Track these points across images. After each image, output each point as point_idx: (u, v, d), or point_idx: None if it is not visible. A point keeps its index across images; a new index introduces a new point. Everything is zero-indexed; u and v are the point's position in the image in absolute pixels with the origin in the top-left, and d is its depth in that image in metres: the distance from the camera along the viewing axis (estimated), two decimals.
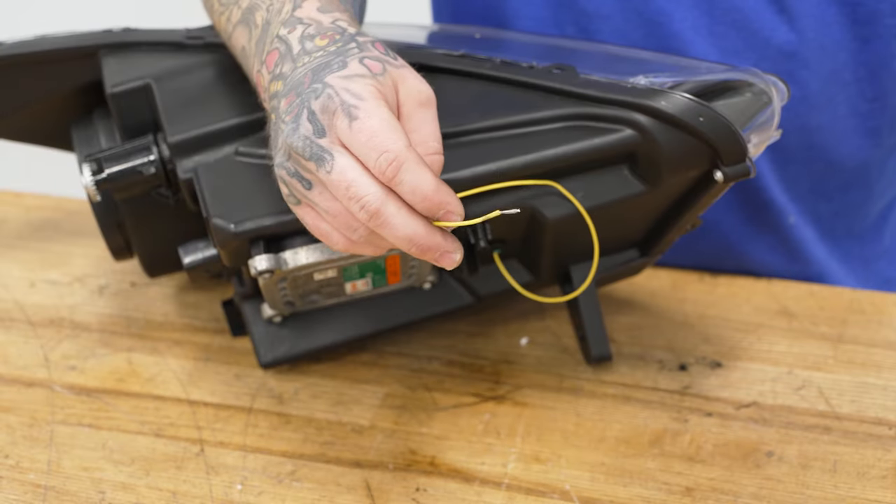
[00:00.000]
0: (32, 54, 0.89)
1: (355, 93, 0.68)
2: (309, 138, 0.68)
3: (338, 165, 0.67)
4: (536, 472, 0.83)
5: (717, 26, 0.96)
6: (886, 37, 0.95)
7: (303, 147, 0.68)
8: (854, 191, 1.04)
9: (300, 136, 0.68)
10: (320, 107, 0.68)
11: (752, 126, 0.80)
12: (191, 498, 0.82)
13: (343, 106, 0.67)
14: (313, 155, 0.68)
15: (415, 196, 0.67)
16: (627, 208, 0.82)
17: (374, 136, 0.67)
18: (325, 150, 0.68)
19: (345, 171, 0.67)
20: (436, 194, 0.67)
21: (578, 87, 0.79)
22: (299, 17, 0.75)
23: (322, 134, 0.68)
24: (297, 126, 0.69)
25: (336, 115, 0.68)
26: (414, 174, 0.67)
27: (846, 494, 0.81)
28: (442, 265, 0.70)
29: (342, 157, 0.67)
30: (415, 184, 0.67)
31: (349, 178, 0.67)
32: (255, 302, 0.89)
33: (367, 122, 0.67)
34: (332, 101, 0.68)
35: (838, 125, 0.99)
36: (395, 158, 0.66)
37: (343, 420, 0.88)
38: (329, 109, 0.68)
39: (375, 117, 0.67)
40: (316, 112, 0.68)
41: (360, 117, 0.67)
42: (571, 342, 0.94)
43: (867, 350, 0.93)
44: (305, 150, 0.68)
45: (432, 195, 0.67)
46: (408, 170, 0.66)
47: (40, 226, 1.10)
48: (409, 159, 0.67)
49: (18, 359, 0.95)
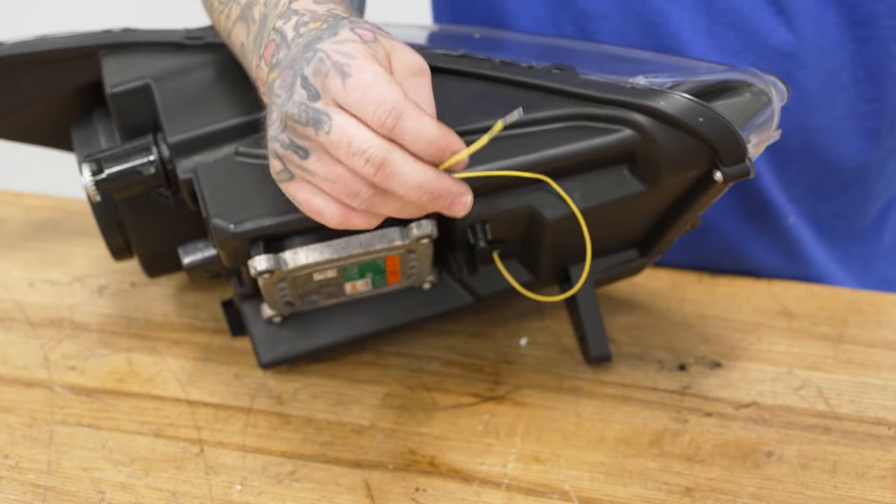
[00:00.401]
0: (32, 54, 0.89)
1: (346, 52, 0.68)
2: (304, 103, 0.68)
3: (336, 124, 0.67)
4: (536, 472, 0.83)
5: (714, 27, 0.96)
6: (884, 38, 0.95)
7: (298, 112, 0.68)
8: (853, 191, 1.04)
9: (294, 102, 0.68)
10: (312, 71, 0.68)
11: (752, 126, 0.80)
12: (190, 498, 0.82)
13: (335, 66, 0.67)
14: (310, 119, 0.68)
15: (418, 142, 0.67)
16: (627, 208, 0.82)
17: (369, 90, 0.66)
18: (321, 112, 0.67)
19: (344, 128, 0.67)
20: (440, 137, 0.67)
21: (578, 87, 0.79)
22: (295, 8, 0.75)
23: (317, 97, 0.68)
24: (291, 94, 0.69)
25: (329, 76, 0.67)
26: (415, 120, 0.66)
27: (846, 494, 0.81)
28: (454, 212, 0.70)
29: (339, 116, 0.67)
30: (417, 129, 0.66)
31: (350, 134, 0.67)
32: (254, 302, 0.89)
33: (360, 77, 0.67)
34: (323, 63, 0.68)
35: (837, 126, 0.99)
36: (393, 108, 0.66)
37: (343, 420, 0.88)
38: (321, 72, 0.68)
39: (368, 72, 0.67)
40: (308, 77, 0.68)
41: (352, 74, 0.67)
42: (571, 342, 0.94)
43: (866, 350, 0.93)
44: (301, 115, 0.68)
45: (437, 138, 0.67)
46: (409, 117, 0.66)
47: (40, 226, 1.11)
48: (408, 107, 0.66)
49: (18, 359, 0.95)
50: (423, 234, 0.80)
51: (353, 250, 0.80)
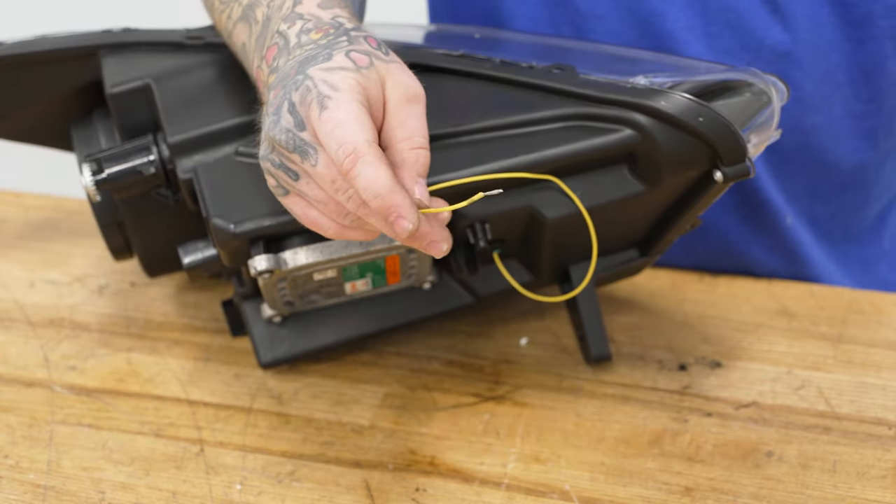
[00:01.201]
0: (32, 54, 0.89)
1: (332, 84, 0.68)
2: (291, 131, 0.68)
3: (322, 159, 0.67)
4: (536, 472, 0.83)
5: (710, 26, 0.96)
6: (881, 38, 0.95)
7: (286, 140, 0.68)
8: (851, 192, 1.04)
9: (282, 128, 0.69)
10: (299, 98, 0.68)
11: (752, 126, 0.80)
12: (190, 498, 0.82)
13: (318, 97, 0.67)
14: (297, 148, 0.68)
15: (367, 192, 0.65)
16: (627, 208, 0.82)
17: (337, 127, 0.66)
18: (308, 144, 0.68)
19: (330, 164, 0.67)
20: (390, 195, 0.66)
21: (578, 87, 0.79)
22: (300, 12, 0.75)
23: (302, 127, 0.68)
24: (278, 118, 0.69)
25: (311, 106, 0.67)
26: (370, 169, 0.65)
27: (846, 494, 0.81)
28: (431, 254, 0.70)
29: (325, 154, 0.67)
30: (370, 179, 0.65)
31: (335, 172, 0.67)
32: (254, 302, 0.89)
33: (333, 113, 0.66)
34: (309, 92, 0.68)
35: (833, 126, 0.99)
36: (353, 151, 0.65)
37: (343, 420, 0.88)
38: (306, 101, 0.68)
39: (343, 109, 0.67)
40: (295, 104, 0.68)
41: (329, 107, 0.67)
42: (571, 342, 0.94)
43: (867, 350, 0.93)
44: (289, 143, 0.68)
45: (386, 194, 0.65)
46: (365, 163, 0.65)
47: (40, 226, 1.11)
48: (368, 153, 0.65)
49: (18, 359, 0.95)
50: None
51: (353, 250, 0.80)
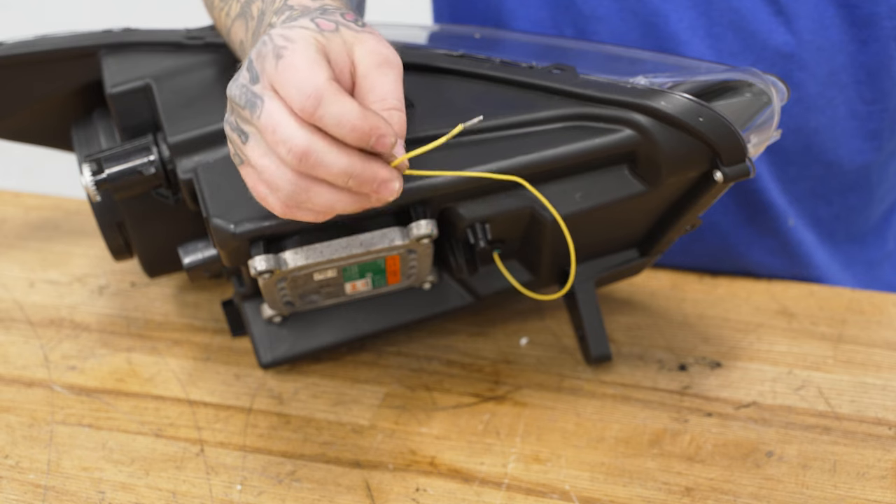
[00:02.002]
0: (32, 54, 0.89)
1: (287, 36, 0.67)
2: (245, 86, 0.68)
3: (266, 109, 0.67)
4: (536, 472, 0.83)
5: (714, 27, 0.96)
6: (884, 39, 0.95)
7: (239, 94, 0.68)
8: (854, 194, 1.04)
9: (238, 84, 0.68)
10: (256, 53, 0.68)
11: (752, 126, 0.80)
12: (190, 498, 0.82)
13: (274, 48, 0.67)
14: (248, 102, 0.68)
15: (341, 127, 0.65)
16: (627, 208, 0.82)
17: (295, 73, 0.65)
18: (256, 96, 0.67)
19: (272, 114, 0.66)
20: (363, 121, 0.65)
21: (578, 87, 0.79)
22: (290, 4, 0.75)
23: (256, 80, 0.68)
24: (237, 76, 0.69)
25: (267, 58, 0.67)
26: (335, 105, 0.65)
27: (846, 494, 0.81)
28: (382, 197, 0.68)
29: (271, 101, 0.67)
30: (338, 114, 0.65)
31: (275, 121, 0.66)
32: (254, 302, 0.89)
33: (289, 60, 0.66)
34: (265, 46, 0.68)
35: (837, 127, 0.99)
36: (313, 91, 0.65)
37: (343, 420, 0.88)
38: (262, 54, 0.67)
39: (300, 55, 0.66)
40: (252, 59, 0.68)
41: (284, 56, 0.66)
42: (571, 342, 0.94)
43: (867, 350, 0.93)
44: (241, 97, 0.68)
45: (360, 122, 0.65)
46: (328, 101, 0.64)
47: (40, 226, 1.11)
48: (329, 90, 0.65)
49: (18, 359, 0.95)
50: (424, 234, 0.80)
51: (353, 250, 0.80)
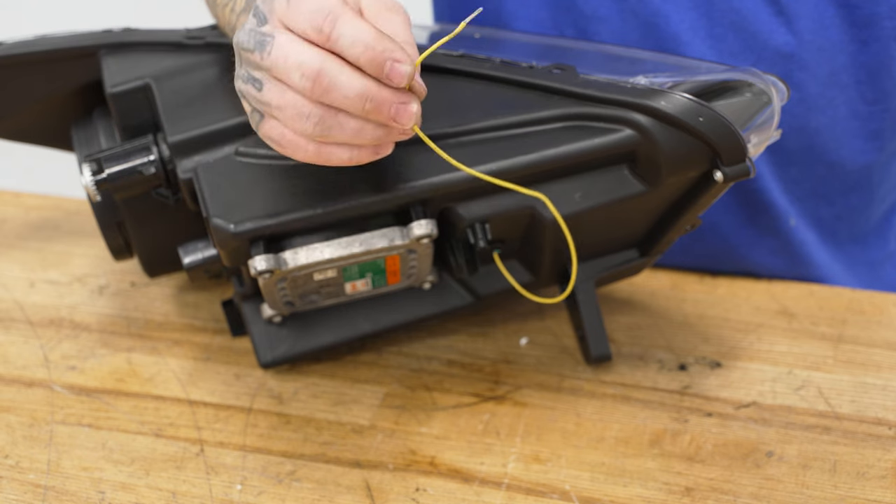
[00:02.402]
0: (32, 54, 0.89)
1: None
2: (253, 30, 0.68)
3: (277, 42, 0.66)
4: (536, 472, 0.83)
5: (714, 27, 0.96)
6: (885, 39, 0.95)
7: (247, 39, 0.68)
8: (856, 194, 1.04)
9: (245, 30, 0.68)
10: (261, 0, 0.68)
11: (752, 126, 0.80)
12: (191, 498, 0.82)
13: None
14: (256, 43, 0.67)
15: (355, 47, 0.65)
16: (627, 208, 0.82)
17: (309, 2, 0.65)
18: (266, 35, 0.67)
19: (282, 45, 0.66)
20: (377, 42, 0.65)
21: (578, 87, 0.79)
22: None
23: (264, 21, 0.68)
24: (244, 25, 0.69)
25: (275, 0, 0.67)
26: (350, 25, 0.65)
27: (846, 494, 0.81)
28: (401, 122, 0.68)
29: (281, 34, 0.67)
30: (353, 35, 0.65)
31: (286, 51, 0.66)
32: (254, 302, 0.89)
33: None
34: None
35: (838, 127, 0.99)
36: (329, 13, 0.65)
37: (343, 420, 0.88)
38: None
39: None
40: (259, 5, 0.68)
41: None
42: (571, 342, 0.94)
43: (867, 350, 0.93)
44: (249, 41, 0.68)
45: (374, 43, 0.65)
46: (344, 22, 0.65)
47: (40, 226, 1.11)
48: (345, 11, 0.65)
49: (18, 359, 0.95)
50: (424, 233, 0.80)
51: (353, 250, 0.80)
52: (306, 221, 0.78)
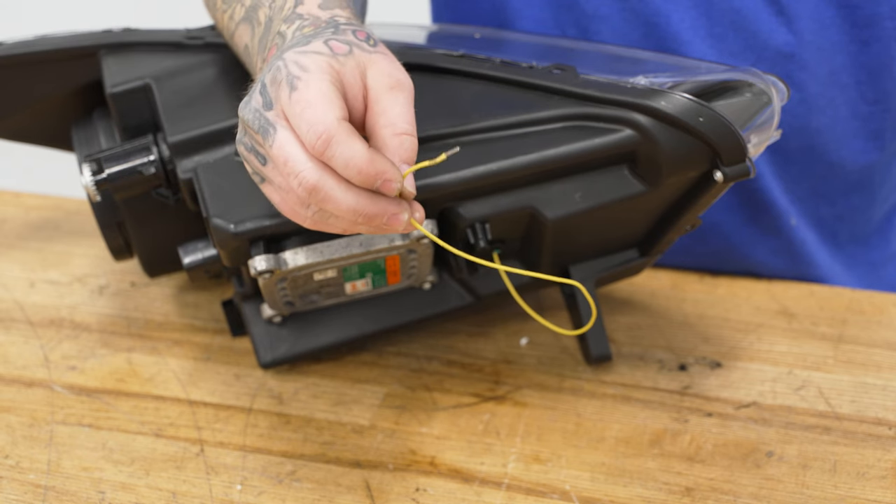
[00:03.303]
0: (32, 54, 0.89)
1: (302, 65, 0.68)
2: (258, 110, 0.68)
3: (278, 139, 0.67)
4: (536, 472, 0.83)
5: (715, 27, 0.96)
6: (886, 40, 0.95)
7: (252, 119, 0.68)
8: (857, 194, 1.04)
9: (251, 108, 0.69)
10: (270, 79, 0.68)
11: (752, 126, 0.80)
12: (191, 498, 0.82)
13: (287, 77, 0.67)
14: (260, 127, 0.68)
15: (349, 170, 0.66)
16: (627, 208, 0.82)
17: (306, 108, 0.66)
18: (269, 123, 0.68)
19: (283, 145, 0.67)
20: (370, 165, 0.66)
21: (578, 87, 0.79)
22: (300, 13, 0.75)
23: (269, 106, 0.68)
24: (249, 99, 0.69)
25: (280, 85, 0.67)
26: (344, 147, 0.65)
27: (846, 494, 0.81)
28: (392, 229, 0.69)
29: (283, 131, 0.67)
30: (346, 157, 0.66)
31: (286, 153, 0.67)
32: (254, 302, 0.89)
33: (303, 93, 0.66)
34: (279, 72, 0.68)
35: (838, 127, 0.99)
36: (324, 131, 0.65)
37: (343, 420, 0.88)
38: (276, 81, 0.68)
39: (313, 89, 0.66)
40: (266, 84, 0.68)
41: (298, 88, 0.67)
42: (571, 342, 0.94)
43: (867, 350, 0.93)
44: (254, 122, 0.68)
45: (366, 167, 0.66)
46: (338, 142, 0.65)
47: (40, 226, 1.11)
48: (339, 132, 0.65)
49: (18, 359, 0.95)
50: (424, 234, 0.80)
51: (353, 250, 0.80)
52: None
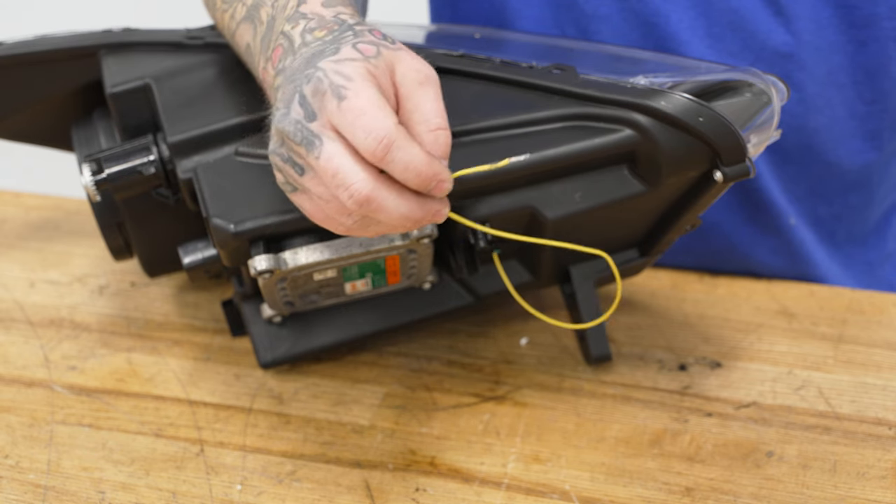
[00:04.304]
0: (32, 54, 0.89)
1: (345, 74, 0.68)
2: (300, 122, 0.68)
3: (326, 151, 0.67)
4: (536, 472, 0.83)
5: (713, 27, 0.96)
6: (884, 40, 0.95)
7: (294, 131, 0.68)
8: (855, 194, 1.04)
9: (291, 120, 0.68)
10: (311, 90, 0.68)
11: (752, 126, 0.80)
12: (191, 498, 0.82)
13: (332, 87, 0.67)
14: (304, 139, 0.68)
15: (408, 173, 0.67)
16: (627, 208, 0.82)
17: (361, 115, 0.66)
18: (314, 135, 0.68)
19: (332, 157, 0.67)
20: (429, 168, 0.67)
21: (578, 87, 0.79)
22: (303, 12, 0.75)
23: (313, 118, 0.68)
24: (288, 111, 0.69)
25: (325, 96, 0.67)
26: (404, 151, 0.66)
27: (846, 494, 0.81)
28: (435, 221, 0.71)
29: (331, 143, 0.67)
30: (407, 161, 0.66)
31: (335, 165, 0.67)
32: (254, 302, 0.89)
33: (354, 102, 0.66)
34: (321, 83, 0.68)
35: (836, 127, 0.99)
36: (384, 137, 0.66)
37: (343, 420, 0.88)
38: (319, 91, 0.68)
39: (363, 97, 0.67)
40: (307, 96, 0.68)
41: (348, 97, 0.67)
42: (571, 342, 0.94)
43: (867, 350, 0.93)
44: (296, 134, 0.68)
45: (426, 169, 0.67)
46: (398, 147, 0.66)
47: (40, 226, 1.11)
48: (399, 137, 0.66)
49: (18, 359, 0.95)
50: (424, 234, 0.80)
51: (353, 250, 0.80)
52: (306, 221, 0.78)
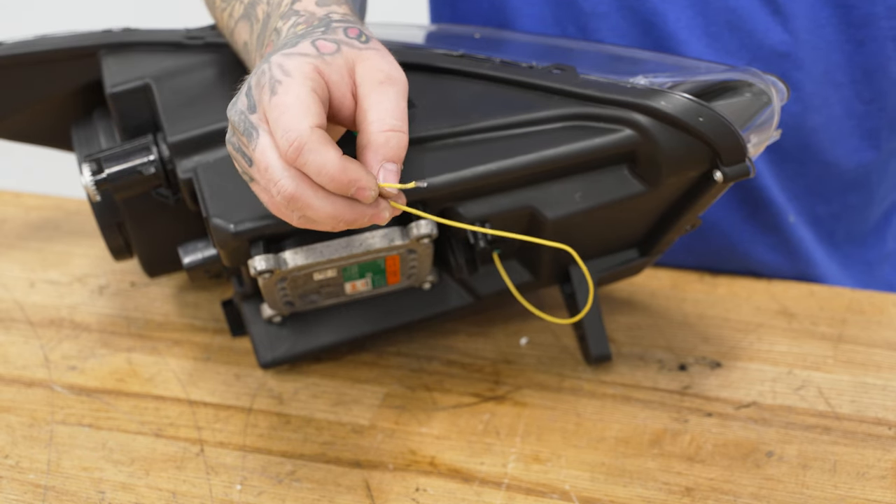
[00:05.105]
0: (32, 54, 0.89)
1: (285, 69, 0.68)
2: (244, 112, 0.68)
3: (260, 144, 0.67)
4: (536, 472, 0.83)
5: (711, 26, 0.96)
6: (882, 39, 0.95)
7: (238, 121, 0.69)
8: (853, 193, 1.04)
9: (237, 110, 0.69)
10: (255, 82, 0.68)
11: (752, 126, 0.80)
12: (190, 498, 0.82)
13: (270, 81, 0.67)
14: (245, 130, 0.68)
15: (321, 177, 0.66)
16: (627, 208, 0.82)
17: (283, 113, 0.66)
18: (253, 126, 0.68)
19: (264, 151, 0.67)
20: (342, 174, 0.66)
21: (578, 87, 0.79)
22: (297, 9, 0.75)
23: (253, 109, 0.68)
24: (237, 100, 0.69)
25: (263, 89, 0.67)
26: (316, 155, 0.65)
27: (846, 494, 0.81)
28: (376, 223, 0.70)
29: (265, 136, 0.67)
30: (319, 165, 0.66)
31: (266, 160, 0.67)
32: (254, 302, 0.89)
33: (282, 98, 0.66)
34: (264, 76, 0.68)
35: (834, 126, 0.99)
36: (296, 139, 0.65)
37: (343, 420, 0.88)
38: (260, 84, 0.68)
39: (292, 94, 0.66)
40: (252, 87, 0.69)
41: (278, 92, 0.67)
42: (571, 342, 0.94)
43: (867, 350, 0.93)
44: (240, 124, 0.69)
45: (340, 175, 0.66)
46: (310, 150, 0.65)
47: (40, 226, 1.11)
48: (311, 139, 0.65)
49: (18, 359, 0.95)
50: (424, 234, 0.80)
51: (353, 250, 0.80)
52: None
